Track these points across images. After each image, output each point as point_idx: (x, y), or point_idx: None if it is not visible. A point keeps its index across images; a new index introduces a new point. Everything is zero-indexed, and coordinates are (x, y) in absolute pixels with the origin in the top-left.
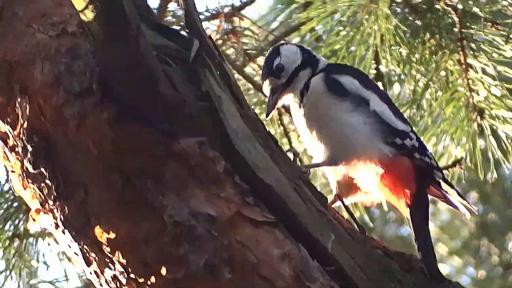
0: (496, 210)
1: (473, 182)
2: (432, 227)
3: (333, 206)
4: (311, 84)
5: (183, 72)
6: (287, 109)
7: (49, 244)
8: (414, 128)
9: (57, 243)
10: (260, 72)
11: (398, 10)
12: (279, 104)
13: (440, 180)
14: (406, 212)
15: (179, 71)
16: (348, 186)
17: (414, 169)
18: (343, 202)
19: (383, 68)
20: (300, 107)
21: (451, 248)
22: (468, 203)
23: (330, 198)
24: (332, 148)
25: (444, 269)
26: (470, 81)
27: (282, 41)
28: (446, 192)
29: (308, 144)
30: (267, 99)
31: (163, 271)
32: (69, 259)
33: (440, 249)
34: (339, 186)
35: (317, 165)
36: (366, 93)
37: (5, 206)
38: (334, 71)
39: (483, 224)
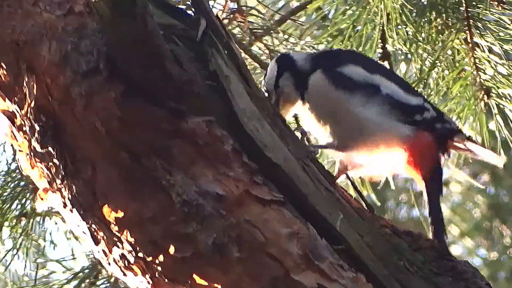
0: (508, 192)
1: (484, 164)
2: (444, 209)
3: (341, 185)
4: (311, 82)
5: (190, 51)
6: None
7: (56, 223)
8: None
9: (64, 222)
10: (266, 51)
11: None
12: (288, 116)
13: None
14: (421, 185)
15: (186, 50)
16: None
17: (436, 141)
18: (351, 180)
19: (389, 47)
20: (303, 103)
21: (463, 229)
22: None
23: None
24: (342, 137)
25: (456, 250)
26: (476, 60)
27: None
28: (470, 149)
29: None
30: None
31: (171, 249)
32: (76, 238)
33: (452, 230)
34: (343, 161)
35: (325, 147)
36: (373, 78)
37: (12, 185)
38: (332, 64)
39: (495, 206)
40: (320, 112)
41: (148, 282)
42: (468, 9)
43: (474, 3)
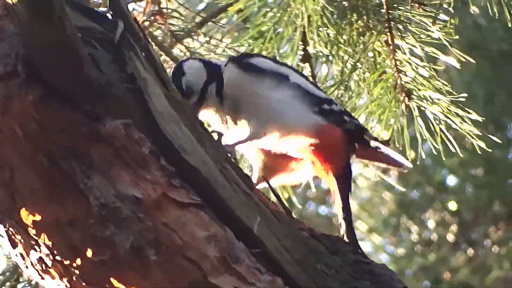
0: (416, 188)
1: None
2: (352, 205)
3: (260, 188)
4: (225, 75)
5: (108, 54)
6: None
7: None
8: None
9: None
10: (188, 53)
11: None
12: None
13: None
14: (332, 183)
15: (105, 53)
16: (272, 167)
17: (345, 136)
18: (269, 184)
19: (310, 49)
20: (222, 107)
21: (371, 225)
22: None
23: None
24: (257, 123)
25: (364, 246)
26: (398, 62)
27: (185, 58)
28: (378, 148)
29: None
30: None
31: (89, 253)
32: None
33: (360, 226)
34: (264, 168)
35: (241, 142)
36: (282, 69)
37: None
38: (242, 58)
39: (402, 202)
40: (235, 102)
41: (66, 286)
42: (389, 11)
43: (395, 5)
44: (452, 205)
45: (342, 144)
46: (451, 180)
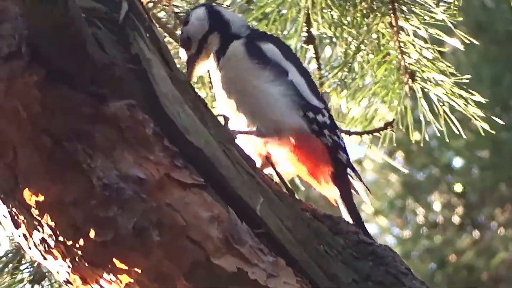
0: (422, 169)
1: (399, 142)
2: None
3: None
4: (230, 48)
5: (112, 35)
6: None
7: None
8: (328, 106)
9: None
10: None
11: None
12: (198, 73)
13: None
14: (325, 190)
15: (109, 34)
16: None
17: (324, 148)
18: (272, 165)
19: (314, 31)
20: (216, 69)
21: (376, 208)
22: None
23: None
24: (257, 119)
25: (370, 229)
26: (401, 44)
27: (200, 4)
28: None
29: (223, 106)
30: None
31: (92, 233)
32: (0, 223)
33: (366, 209)
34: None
35: (247, 133)
36: (285, 63)
37: None
38: (256, 38)
39: (408, 184)
40: (230, 80)
41: (69, 266)
42: None
43: None
44: (458, 187)
45: (324, 153)
46: (457, 162)
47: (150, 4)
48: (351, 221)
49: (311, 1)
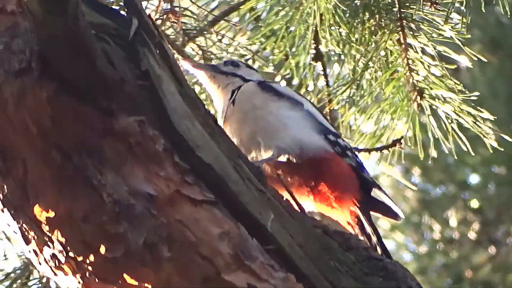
0: (438, 185)
1: (415, 158)
2: None
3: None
4: (242, 87)
5: (122, 51)
6: None
7: None
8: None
9: None
10: (200, 51)
11: None
12: (197, 72)
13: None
14: (346, 216)
15: (118, 50)
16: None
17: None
18: (282, 182)
19: (322, 48)
20: (229, 105)
21: (393, 223)
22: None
23: None
24: (277, 139)
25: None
26: (410, 61)
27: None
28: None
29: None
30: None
31: (102, 249)
32: (8, 239)
33: (383, 224)
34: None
35: (269, 159)
36: (298, 97)
37: None
38: (263, 81)
39: (424, 200)
40: (245, 112)
41: (79, 282)
42: (401, 10)
43: (407, 4)
44: (474, 203)
45: (350, 173)
46: (474, 178)
47: (159, 21)
48: (374, 240)
49: (320, 18)
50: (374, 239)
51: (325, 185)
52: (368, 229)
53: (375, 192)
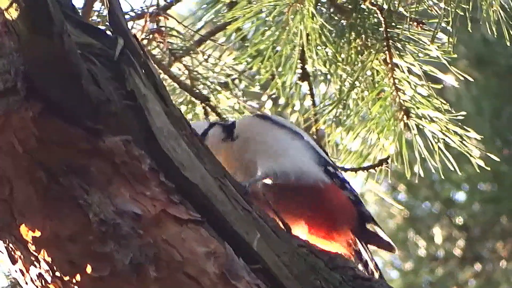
0: (423, 202)
1: (400, 175)
2: None
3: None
4: (240, 120)
5: (107, 71)
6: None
7: None
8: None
9: None
10: (186, 71)
11: (324, 9)
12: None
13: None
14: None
15: (104, 70)
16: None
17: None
18: (267, 201)
19: (309, 68)
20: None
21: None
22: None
23: None
24: (268, 161)
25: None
26: (396, 81)
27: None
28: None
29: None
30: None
31: (89, 269)
32: None
33: None
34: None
35: (258, 179)
36: (297, 129)
37: None
38: (262, 114)
39: (410, 216)
40: (246, 140)
41: None
42: (388, 30)
43: (393, 24)
44: (460, 220)
45: (349, 204)
46: (459, 195)
47: (145, 41)
48: (372, 265)
49: (306, 37)
50: (371, 265)
51: (323, 215)
52: (366, 255)
53: (372, 226)
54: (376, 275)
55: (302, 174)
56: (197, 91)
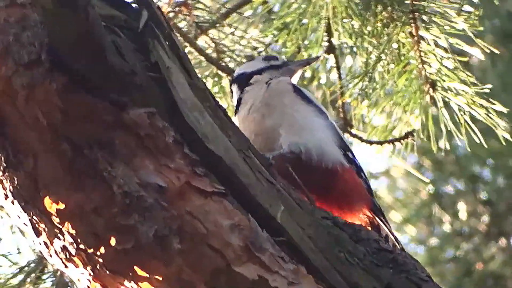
0: (448, 178)
1: (426, 150)
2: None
3: None
4: (274, 81)
5: (132, 43)
6: None
7: (1, 217)
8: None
9: (9, 216)
10: (212, 44)
11: None
12: None
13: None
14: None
15: (128, 42)
16: None
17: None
18: (293, 173)
19: (335, 41)
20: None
21: (404, 216)
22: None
23: None
24: (297, 137)
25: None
26: (422, 54)
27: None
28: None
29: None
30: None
31: (113, 241)
32: (22, 233)
33: (394, 217)
34: None
35: (283, 153)
36: (323, 108)
37: None
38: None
39: (435, 192)
40: (273, 107)
41: (90, 274)
42: (414, 2)
43: None
44: (484, 196)
45: (364, 191)
46: (484, 171)
47: (171, 14)
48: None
49: (332, 10)
50: (392, 238)
51: (338, 195)
52: (386, 229)
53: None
54: (398, 248)
55: (324, 154)
56: (223, 64)
